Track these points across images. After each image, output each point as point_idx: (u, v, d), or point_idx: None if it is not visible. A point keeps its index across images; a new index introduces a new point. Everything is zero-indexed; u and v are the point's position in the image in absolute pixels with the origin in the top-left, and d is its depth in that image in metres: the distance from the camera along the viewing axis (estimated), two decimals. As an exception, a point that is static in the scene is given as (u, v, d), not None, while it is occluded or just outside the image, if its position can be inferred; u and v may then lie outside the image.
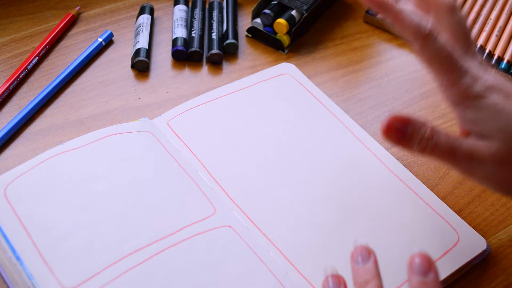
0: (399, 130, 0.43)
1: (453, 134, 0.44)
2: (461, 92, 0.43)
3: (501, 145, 0.42)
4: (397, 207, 0.51)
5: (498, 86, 0.43)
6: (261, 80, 0.59)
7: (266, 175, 0.52)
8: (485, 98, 0.43)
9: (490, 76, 0.44)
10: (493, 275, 0.49)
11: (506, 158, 0.42)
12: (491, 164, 0.43)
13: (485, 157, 0.43)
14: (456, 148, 0.43)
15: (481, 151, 0.43)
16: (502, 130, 0.42)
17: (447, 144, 0.43)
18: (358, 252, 0.40)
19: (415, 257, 0.37)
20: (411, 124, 0.43)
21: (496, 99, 0.43)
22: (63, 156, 0.49)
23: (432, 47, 0.43)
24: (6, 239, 0.44)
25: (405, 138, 0.43)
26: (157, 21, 0.66)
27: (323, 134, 0.56)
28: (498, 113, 0.43)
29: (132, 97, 0.59)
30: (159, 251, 0.45)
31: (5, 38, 0.62)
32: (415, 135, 0.43)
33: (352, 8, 0.71)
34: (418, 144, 0.43)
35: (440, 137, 0.43)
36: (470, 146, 0.43)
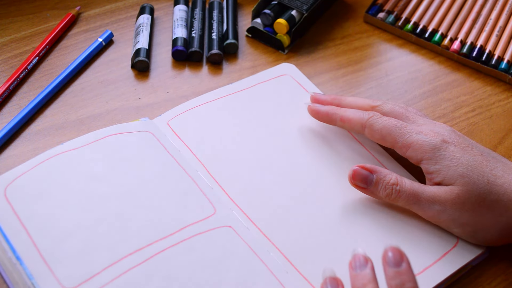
0: (365, 177, 0.49)
1: (416, 181, 0.49)
2: (419, 149, 0.48)
3: (461, 189, 0.47)
4: (397, 209, 0.51)
5: (453, 140, 0.49)
6: (261, 81, 0.59)
7: (266, 175, 0.52)
8: (443, 150, 0.48)
9: (445, 131, 0.49)
10: (493, 275, 0.49)
11: (466, 201, 0.47)
12: (453, 208, 0.47)
13: (448, 200, 0.47)
14: (420, 193, 0.48)
15: (443, 196, 0.47)
16: (462, 176, 0.47)
17: (411, 190, 0.48)
18: (356, 260, 0.42)
19: (388, 251, 0.40)
20: (376, 172, 0.49)
21: (454, 150, 0.48)
22: (63, 156, 0.49)
23: (378, 125, 0.50)
24: (6, 239, 0.44)
25: (371, 184, 0.49)
26: (157, 21, 0.66)
27: (323, 135, 0.56)
28: (457, 162, 0.47)
29: (132, 97, 0.59)
30: (159, 251, 0.45)
31: (5, 38, 0.62)
32: (380, 181, 0.49)
33: (352, 8, 0.71)
34: (384, 190, 0.49)
35: (404, 184, 0.48)
36: (433, 191, 0.48)
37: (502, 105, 0.62)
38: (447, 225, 0.48)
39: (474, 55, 0.65)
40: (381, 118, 0.51)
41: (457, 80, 0.64)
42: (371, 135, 0.51)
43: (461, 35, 0.67)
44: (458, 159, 0.48)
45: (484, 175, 0.47)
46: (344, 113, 0.53)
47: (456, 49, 0.66)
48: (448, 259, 0.48)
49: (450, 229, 0.49)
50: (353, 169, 0.49)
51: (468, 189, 0.47)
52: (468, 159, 0.48)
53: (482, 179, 0.47)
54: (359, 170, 0.49)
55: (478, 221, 0.47)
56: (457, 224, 0.48)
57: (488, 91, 0.63)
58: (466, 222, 0.47)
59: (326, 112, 0.54)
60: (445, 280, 0.47)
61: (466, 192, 0.47)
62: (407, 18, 0.69)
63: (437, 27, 0.68)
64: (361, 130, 0.52)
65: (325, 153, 0.54)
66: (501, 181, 0.47)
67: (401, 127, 0.50)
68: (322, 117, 0.54)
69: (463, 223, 0.48)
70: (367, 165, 0.49)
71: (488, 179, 0.47)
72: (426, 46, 0.67)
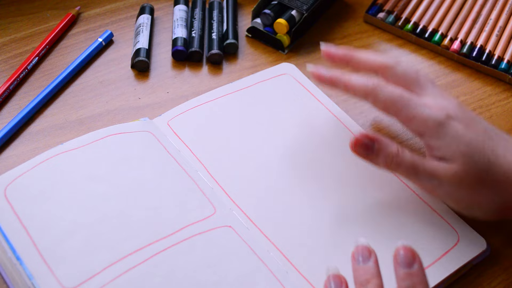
0: (366, 146, 0.48)
1: (417, 154, 0.48)
2: (422, 123, 0.47)
3: (460, 168, 0.46)
4: (397, 207, 0.51)
5: (458, 115, 0.48)
6: (261, 80, 0.59)
7: (266, 175, 0.52)
8: (447, 126, 0.47)
9: (450, 105, 0.48)
10: (493, 275, 0.49)
11: (463, 179, 0.46)
12: (449, 184, 0.47)
13: (445, 177, 0.47)
14: (419, 166, 0.47)
15: (441, 171, 0.47)
16: (463, 154, 0.46)
17: (411, 162, 0.48)
18: (359, 252, 0.41)
19: (400, 250, 0.39)
20: (378, 141, 0.48)
21: (457, 126, 0.47)
22: (63, 156, 0.49)
23: (382, 96, 0.49)
24: (6, 239, 0.44)
25: (372, 153, 0.48)
26: (157, 21, 0.66)
27: (323, 134, 0.56)
28: (459, 139, 0.46)
29: (132, 97, 0.59)
30: (159, 251, 0.45)
31: (5, 38, 0.63)
32: (382, 151, 0.48)
33: (352, 8, 0.71)
34: (384, 159, 0.48)
35: (405, 155, 0.48)
36: (433, 166, 0.47)
37: (502, 105, 0.62)
38: (443, 198, 0.49)
39: (474, 55, 0.65)
40: (386, 88, 0.49)
41: (457, 80, 0.64)
42: (375, 103, 0.50)
43: (461, 35, 0.67)
44: (461, 136, 0.47)
45: (485, 155, 0.46)
46: (348, 80, 0.51)
47: (456, 49, 0.66)
48: (449, 257, 0.48)
49: (446, 202, 0.50)
50: (355, 137, 0.49)
51: (467, 168, 0.46)
52: (471, 137, 0.47)
53: (482, 159, 0.46)
54: (360, 139, 0.48)
55: (473, 199, 0.47)
56: (452, 199, 0.48)
57: (488, 91, 0.63)
58: (461, 198, 0.48)
59: (329, 78, 0.52)
60: (446, 279, 0.47)
61: (465, 171, 0.46)
62: (407, 18, 0.69)
63: (437, 27, 0.68)
64: (365, 98, 0.50)
65: (325, 152, 0.54)
66: (501, 161, 0.47)
67: (406, 99, 0.48)
68: (326, 83, 0.53)
69: (458, 199, 0.48)
70: (369, 133, 0.49)
71: (489, 159, 0.46)
72: (426, 46, 0.67)
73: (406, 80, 0.50)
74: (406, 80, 0.50)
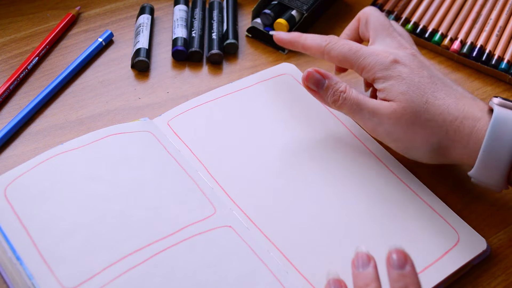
0: (317, 80, 0.52)
1: (362, 94, 0.52)
2: (371, 70, 0.51)
3: (399, 106, 0.49)
4: (397, 207, 0.51)
5: (405, 61, 0.51)
6: (261, 80, 0.59)
7: (266, 175, 0.52)
8: (391, 69, 0.50)
9: (400, 53, 0.51)
10: (493, 275, 0.49)
11: (401, 117, 0.49)
12: (388, 122, 0.49)
13: (385, 114, 0.49)
14: (363, 104, 0.51)
15: (382, 109, 0.50)
16: (402, 93, 0.49)
17: (356, 100, 0.51)
18: (358, 258, 0.42)
19: (392, 253, 0.40)
20: (328, 78, 0.52)
21: (402, 70, 0.50)
22: (63, 156, 0.49)
23: (334, 52, 0.53)
24: (6, 239, 0.44)
25: (322, 88, 0.52)
26: (157, 21, 0.66)
27: (323, 134, 0.56)
28: (401, 81, 0.50)
29: (132, 97, 0.59)
30: (159, 251, 0.45)
31: (5, 38, 0.63)
32: (330, 87, 0.52)
33: (352, 8, 0.71)
34: (331, 95, 0.52)
35: (351, 92, 0.51)
36: (374, 104, 0.50)
37: (502, 105, 0.62)
38: (383, 138, 0.51)
39: (474, 55, 0.65)
40: (337, 44, 0.53)
41: (457, 80, 0.64)
42: (330, 60, 0.54)
43: (461, 35, 0.67)
44: (403, 78, 0.50)
45: (424, 95, 0.49)
46: (305, 41, 0.56)
47: (456, 49, 0.66)
48: (449, 257, 0.48)
49: (386, 143, 0.52)
50: (308, 71, 0.53)
51: (404, 106, 0.49)
52: (413, 79, 0.50)
53: (421, 99, 0.49)
54: (313, 73, 0.52)
55: (411, 138, 0.49)
56: (391, 138, 0.51)
57: (488, 91, 0.63)
58: (399, 137, 0.50)
59: (289, 40, 0.57)
60: (446, 279, 0.47)
61: (403, 108, 0.49)
62: (407, 18, 0.69)
63: (437, 27, 0.68)
64: (321, 56, 0.55)
65: (325, 152, 0.54)
66: (439, 102, 0.49)
67: (355, 50, 0.52)
68: (286, 45, 0.58)
69: (396, 138, 0.50)
70: (321, 70, 0.52)
71: (427, 99, 0.49)
72: (426, 46, 0.67)
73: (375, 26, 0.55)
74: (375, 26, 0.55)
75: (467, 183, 0.54)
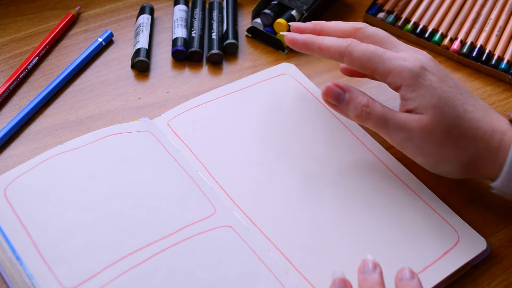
0: (338, 95, 0.49)
1: (387, 106, 0.49)
2: (398, 75, 0.48)
3: (430, 120, 0.47)
4: (397, 207, 0.51)
5: (432, 68, 0.48)
6: (261, 80, 0.59)
7: (266, 175, 0.52)
8: (422, 77, 0.47)
9: (425, 59, 0.49)
10: (493, 275, 0.49)
11: (433, 132, 0.47)
12: (419, 137, 0.47)
13: (415, 129, 0.47)
14: (389, 118, 0.48)
15: (412, 123, 0.47)
16: (434, 106, 0.47)
17: (381, 113, 0.48)
18: (365, 265, 0.42)
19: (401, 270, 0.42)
20: (349, 91, 0.49)
21: (432, 79, 0.48)
22: (63, 156, 0.49)
23: (356, 53, 0.49)
24: (6, 239, 0.44)
25: (343, 102, 0.49)
26: (157, 21, 0.66)
27: (323, 134, 0.56)
28: (432, 91, 0.47)
29: (132, 97, 0.59)
30: (159, 251, 0.45)
31: (5, 38, 0.63)
32: (352, 101, 0.49)
33: (352, 8, 0.71)
34: (354, 110, 0.49)
35: (375, 106, 0.48)
36: (402, 118, 0.48)
37: (502, 105, 0.62)
38: (411, 153, 0.49)
39: (474, 55, 0.65)
40: (360, 45, 0.50)
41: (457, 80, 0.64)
42: (351, 62, 0.50)
43: (461, 35, 0.67)
44: (435, 89, 0.47)
45: (455, 109, 0.47)
46: (322, 42, 0.52)
47: (456, 49, 0.66)
48: (449, 257, 0.48)
49: (413, 158, 0.49)
50: (327, 86, 0.50)
51: (437, 120, 0.47)
52: (443, 90, 0.48)
53: (452, 112, 0.47)
54: (332, 87, 0.50)
55: (441, 152, 0.48)
56: (421, 153, 0.48)
57: (488, 91, 0.63)
58: (430, 152, 0.48)
59: (303, 41, 0.53)
60: (445, 279, 0.47)
61: (435, 123, 0.47)
62: (407, 18, 0.69)
63: (437, 27, 0.68)
64: (340, 59, 0.51)
65: (325, 152, 0.54)
66: (469, 116, 0.47)
67: (380, 53, 0.49)
68: (300, 47, 0.53)
69: (427, 153, 0.48)
70: (341, 83, 0.50)
71: (458, 113, 0.47)
72: (426, 46, 0.67)
73: (378, 38, 0.51)
74: (378, 38, 0.51)
75: (467, 183, 0.54)
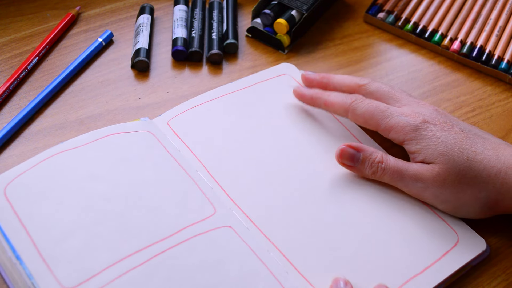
0: (352, 155, 0.51)
1: (401, 159, 0.50)
2: (400, 131, 0.50)
3: (441, 167, 0.48)
4: (397, 208, 0.51)
5: (434, 119, 0.50)
6: (261, 80, 0.59)
7: (266, 175, 0.52)
8: (424, 130, 0.49)
9: (426, 111, 0.51)
10: (493, 275, 0.49)
11: (446, 178, 0.48)
12: (434, 185, 0.49)
13: (429, 178, 0.48)
14: (404, 171, 0.50)
15: (425, 173, 0.49)
16: (442, 154, 0.48)
17: (396, 168, 0.50)
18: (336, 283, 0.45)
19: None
20: (363, 150, 0.51)
21: (434, 129, 0.49)
22: (63, 155, 0.49)
23: (360, 110, 0.52)
24: (6, 238, 0.44)
25: (358, 162, 0.51)
26: (157, 21, 0.66)
27: (322, 134, 0.56)
28: (437, 141, 0.49)
29: (132, 97, 0.59)
30: (159, 252, 0.45)
31: (5, 38, 0.63)
32: (366, 159, 0.50)
33: (352, 8, 0.71)
34: (369, 167, 0.50)
35: (389, 161, 0.50)
36: (416, 169, 0.49)
37: (502, 105, 0.62)
38: (431, 201, 0.50)
39: (474, 55, 0.65)
40: (363, 102, 0.52)
41: (457, 80, 0.64)
42: (355, 119, 0.53)
43: (461, 35, 0.67)
44: (438, 138, 0.49)
45: (463, 152, 0.48)
46: (327, 98, 0.54)
47: (456, 49, 0.66)
48: (448, 258, 0.48)
49: (434, 205, 0.50)
50: (340, 148, 0.51)
51: (448, 167, 0.48)
52: (448, 137, 0.49)
53: (461, 156, 0.48)
54: (346, 149, 0.51)
55: (459, 197, 0.49)
56: (439, 200, 0.49)
57: (488, 91, 0.63)
58: (447, 198, 0.49)
59: (310, 96, 0.56)
60: (445, 280, 0.47)
61: (446, 170, 0.48)
62: (407, 18, 0.69)
63: (437, 27, 0.68)
64: (345, 114, 0.53)
65: (326, 152, 0.54)
66: (480, 157, 0.48)
67: (383, 109, 0.51)
68: (307, 101, 0.56)
69: (445, 199, 0.49)
70: (353, 144, 0.51)
71: (467, 156, 0.48)
72: (426, 46, 0.67)
73: (380, 94, 0.53)
74: (380, 94, 0.53)
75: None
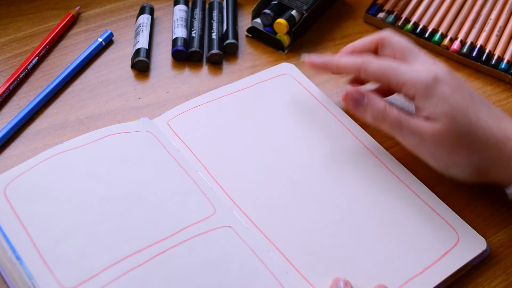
0: (356, 99, 0.52)
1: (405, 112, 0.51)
2: (412, 87, 0.50)
3: (443, 127, 0.49)
4: (397, 207, 0.51)
5: (445, 79, 0.50)
6: (261, 80, 0.59)
7: (266, 175, 0.52)
8: (434, 88, 0.50)
9: (439, 70, 0.51)
10: (493, 275, 0.49)
11: (445, 138, 0.49)
12: (431, 142, 0.49)
13: (427, 135, 0.49)
14: (404, 122, 0.50)
15: (424, 129, 0.49)
16: (446, 114, 0.49)
17: (397, 118, 0.51)
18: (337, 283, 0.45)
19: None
20: (367, 97, 0.52)
21: (444, 89, 0.50)
22: (63, 155, 0.49)
23: (372, 68, 0.52)
24: (6, 238, 0.44)
25: (361, 106, 0.52)
26: (157, 21, 0.66)
27: (322, 134, 0.56)
28: (444, 101, 0.49)
29: (132, 97, 0.59)
30: (159, 253, 0.45)
31: (5, 38, 0.63)
32: (370, 105, 0.52)
33: (352, 8, 0.71)
34: (371, 113, 0.52)
35: (392, 110, 0.51)
36: (416, 123, 0.50)
37: (502, 105, 0.62)
38: (424, 157, 0.51)
39: (474, 55, 0.65)
40: (375, 61, 0.53)
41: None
42: (367, 76, 0.53)
43: (461, 35, 0.67)
44: (446, 98, 0.49)
45: (467, 116, 0.49)
46: (339, 60, 0.55)
47: (456, 49, 0.66)
48: (448, 258, 0.48)
49: (426, 161, 0.51)
50: (347, 90, 0.53)
51: (449, 128, 0.49)
52: (456, 99, 0.49)
53: (464, 120, 0.49)
54: (352, 92, 0.53)
55: (453, 158, 0.50)
56: (433, 157, 0.51)
57: (488, 91, 0.63)
58: (441, 157, 0.50)
59: (321, 62, 0.56)
60: (445, 280, 0.47)
61: (447, 130, 0.49)
62: (407, 18, 0.69)
63: (437, 27, 0.68)
64: (357, 73, 0.54)
65: (325, 152, 0.54)
66: (482, 124, 0.49)
67: (395, 67, 0.52)
68: (319, 67, 0.57)
69: (438, 158, 0.50)
70: (360, 89, 0.53)
71: (470, 120, 0.49)
72: (426, 46, 0.67)
73: (401, 48, 0.54)
74: (401, 48, 0.54)
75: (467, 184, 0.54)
